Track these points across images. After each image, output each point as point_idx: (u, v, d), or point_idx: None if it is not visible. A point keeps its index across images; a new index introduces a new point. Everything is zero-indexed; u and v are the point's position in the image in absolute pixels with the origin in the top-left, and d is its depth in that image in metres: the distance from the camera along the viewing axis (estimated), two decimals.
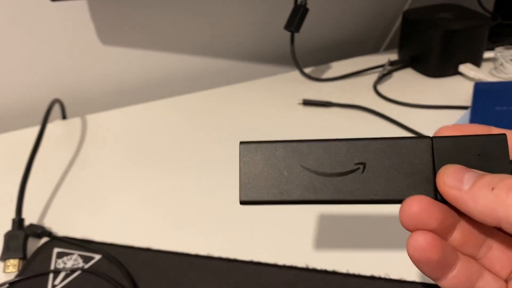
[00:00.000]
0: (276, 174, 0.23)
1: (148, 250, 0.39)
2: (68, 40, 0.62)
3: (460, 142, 0.22)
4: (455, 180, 0.20)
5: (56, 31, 0.60)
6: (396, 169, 0.22)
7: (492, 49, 0.68)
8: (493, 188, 0.19)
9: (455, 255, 0.21)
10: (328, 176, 0.22)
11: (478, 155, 0.22)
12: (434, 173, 0.22)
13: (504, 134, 0.22)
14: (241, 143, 0.24)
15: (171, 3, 0.65)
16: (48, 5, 0.58)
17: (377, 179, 0.22)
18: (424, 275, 0.22)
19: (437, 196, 0.22)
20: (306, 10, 0.60)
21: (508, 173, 0.21)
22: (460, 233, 0.22)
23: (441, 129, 0.25)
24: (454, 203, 0.21)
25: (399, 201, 0.22)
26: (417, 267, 0.21)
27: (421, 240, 0.20)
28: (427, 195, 0.21)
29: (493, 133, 0.22)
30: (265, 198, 0.23)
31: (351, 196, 0.22)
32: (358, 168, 0.22)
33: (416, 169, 0.22)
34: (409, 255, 0.20)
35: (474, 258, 0.22)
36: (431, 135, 0.57)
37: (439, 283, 0.21)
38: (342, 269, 0.37)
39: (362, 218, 0.42)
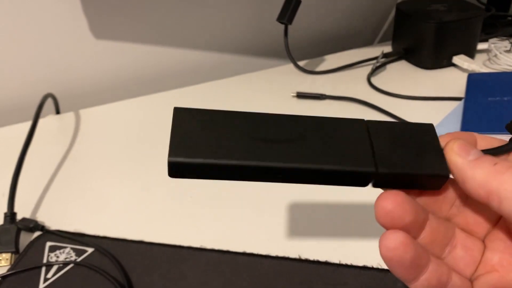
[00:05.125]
0: (212, 136, 0.21)
1: (140, 242, 0.39)
2: (61, 34, 0.61)
3: (392, 125, 0.23)
4: (462, 150, 0.21)
5: (49, 26, 0.60)
6: (336, 141, 0.22)
7: (486, 40, 0.68)
8: (495, 164, 0.20)
9: (427, 256, 0.21)
10: (268, 142, 0.21)
11: (410, 137, 0.22)
12: (373, 148, 0.22)
13: (431, 124, 0.23)
14: (175, 108, 0.22)
15: None
16: None
17: (318, 148, 0.21)
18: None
19: (378, 169, 0.21)
20: (298, 2, 0.60)
21: (440, 152, 0.22)
22: (429, 231, 0.22)
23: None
24: (454, 170, 0.21)
25: (339, 172, 0.21)
26: (390, 267, 0.21)
27: (394, 238, 0.20)
28: (369, 167, 0.21)
29: (421, 122, 0.23)
30: (198, 158, 0.20)
31: (291, 162, 0.20)
32: (299, 138, 0.21)
33: (354, 143, 0.22)
34: (381, 255, 0.20)
35: (439, 258, 0.22)
36: None
37: (411, 286, 0.21)
38: (335, 260, 0.37)
39: (355, 209, 0.42)
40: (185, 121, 0.21)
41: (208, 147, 0.20)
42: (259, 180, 0.21)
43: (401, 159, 0.21)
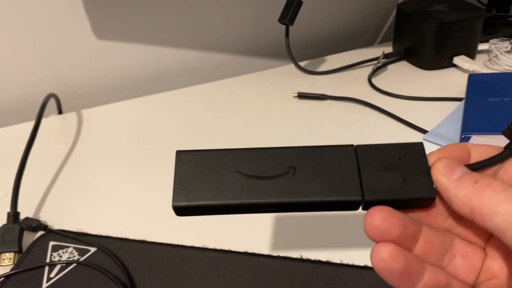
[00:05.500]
0: (210, 179, 0.23)
1: (143, 242, 0.40)
2: (63, 35, 0.62)
3: (381, 148, 0.23)
4: (447, 169, 0.22)
5: (51, 26, 0.60)
6: (325, 172, 0.23)
7: (486, 41, 0.68)
8: (476, 182, 0.21)
9: (421, 266, 0.22)
10: (260, 179, 0.23)
11: (399, 158, 0.23)
12: (360, 175, 0.23)
13: (421, 142, 0.24)
14: (178, 151, 0.24)
15: None
16: None
17: (308, 181, 0.23)
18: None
19: (365, 197, 0.22)
20: (300, 3, 0.60)
21: (428, 172, 0.23)
22: (423, 242, 0.23)
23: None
24: (439, 189, 0.22)
25: (328, 202, 0.22)
26: (383, 278, 0.21)
27: (383, 250, 0.21)
28: (356, 196, 0.22)
29: (411, 142, 0.24)
30: (198, 201, 0.23)
31: (283, 198, 0.22)
32: (289, 172, 0.23)
33: (343, 172, 0.23)
34: (373, 266, 0.21)
35: (439, 267, 0.23)
36: (424, 127, 0.57)
37: None
38: (336, 260, 0.37)
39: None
40: (186, 165, 0.23)
41: (207, 189, 0.23)
42: (256, 213, 0.23)
43: (387, 185, 0.22)
